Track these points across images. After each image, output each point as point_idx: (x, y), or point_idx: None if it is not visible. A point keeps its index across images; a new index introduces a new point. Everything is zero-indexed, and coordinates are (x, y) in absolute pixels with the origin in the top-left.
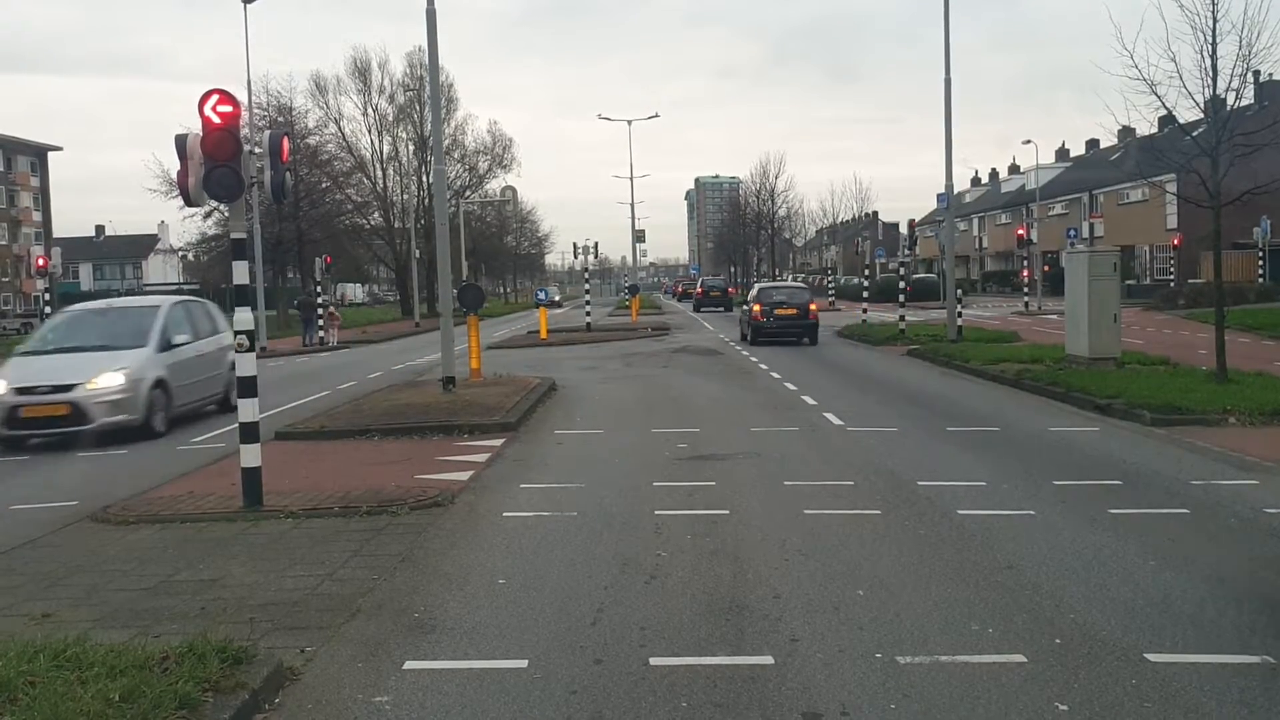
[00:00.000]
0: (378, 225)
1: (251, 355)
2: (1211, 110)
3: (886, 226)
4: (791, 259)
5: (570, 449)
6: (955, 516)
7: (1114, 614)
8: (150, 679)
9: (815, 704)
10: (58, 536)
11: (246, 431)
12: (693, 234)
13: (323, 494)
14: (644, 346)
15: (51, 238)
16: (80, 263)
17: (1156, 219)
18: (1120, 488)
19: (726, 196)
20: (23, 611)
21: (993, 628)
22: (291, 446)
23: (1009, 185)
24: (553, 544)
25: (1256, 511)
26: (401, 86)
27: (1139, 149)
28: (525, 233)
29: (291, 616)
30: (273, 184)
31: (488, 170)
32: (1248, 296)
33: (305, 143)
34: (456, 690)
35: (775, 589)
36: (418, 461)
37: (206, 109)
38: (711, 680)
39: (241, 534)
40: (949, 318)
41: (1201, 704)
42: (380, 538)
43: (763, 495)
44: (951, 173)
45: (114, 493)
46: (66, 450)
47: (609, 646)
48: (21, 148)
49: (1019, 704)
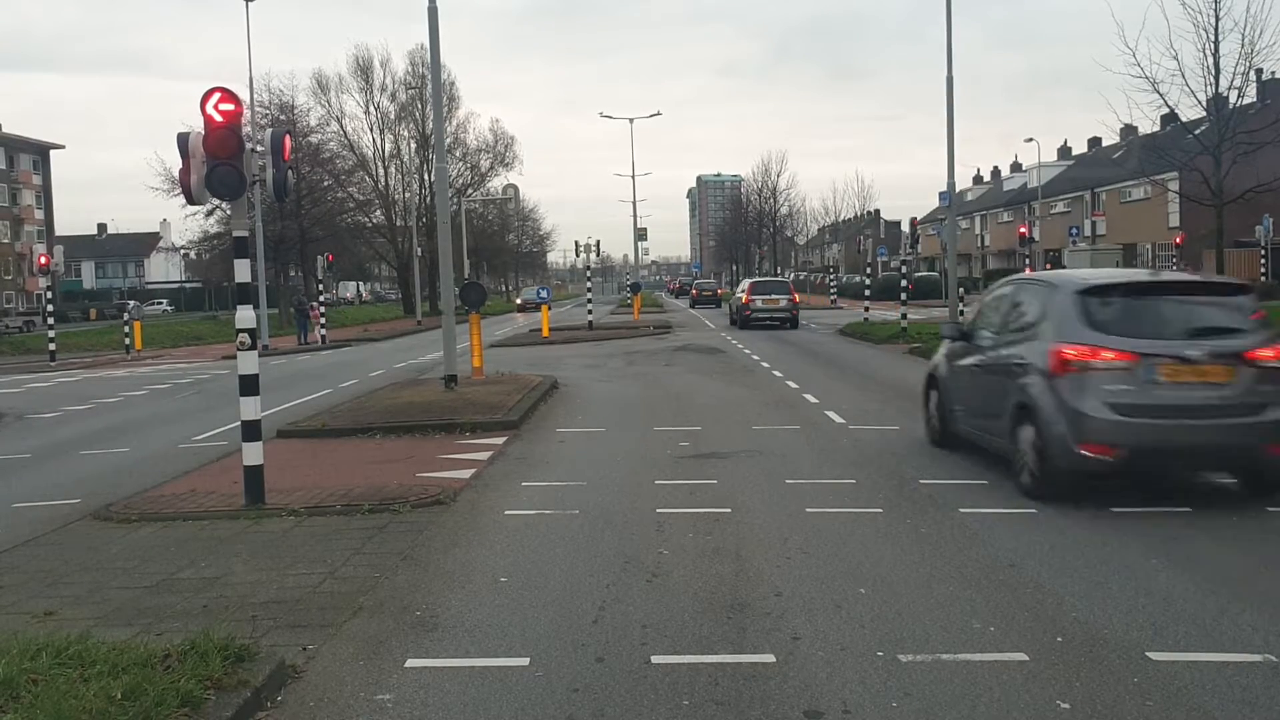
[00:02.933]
0: (379, 223)
1: (253, 353)
2: (1214, 108)
3: (888, 224)
4: (793, 257)
5: (572, 447)
6: (957, 515)
7: (1116, 612)
8: (152, 677)
9: (817, 702)
10: (60, 534)
11: (248, 429)
12: (695, 232)
13: (325, 492)
14: (646, 345)
15: (54, 236)
16: (82, 261)
17: (1159, 217)
18: (1122, 486)
19: (728, 194)
20: (25, 609)
21: (994, 626)
22: (293, 445)
23: (1011, 183)
24: (554, 542)
25: (1259, 509)
26: (403, 85)
27: (1141, 147)
28: (527, 231)
29: (293, 614)
30: (274, 182)
31: (489, 168)
32: None
33: (307, 141)
34: (458, 688)
35: (777, 587)
36: (419, 460)
37: (208, 107)
38: (713, 678)
39: (243, 532)
40: (951, 316)
41: (1203, 702)
42: (382, 536)
43: (764, 493)
44: (953, 171)
45: (116, 491)
46: (68, 449)
47: (610, 644)
48: (24, 146)
49: (1020, 702)
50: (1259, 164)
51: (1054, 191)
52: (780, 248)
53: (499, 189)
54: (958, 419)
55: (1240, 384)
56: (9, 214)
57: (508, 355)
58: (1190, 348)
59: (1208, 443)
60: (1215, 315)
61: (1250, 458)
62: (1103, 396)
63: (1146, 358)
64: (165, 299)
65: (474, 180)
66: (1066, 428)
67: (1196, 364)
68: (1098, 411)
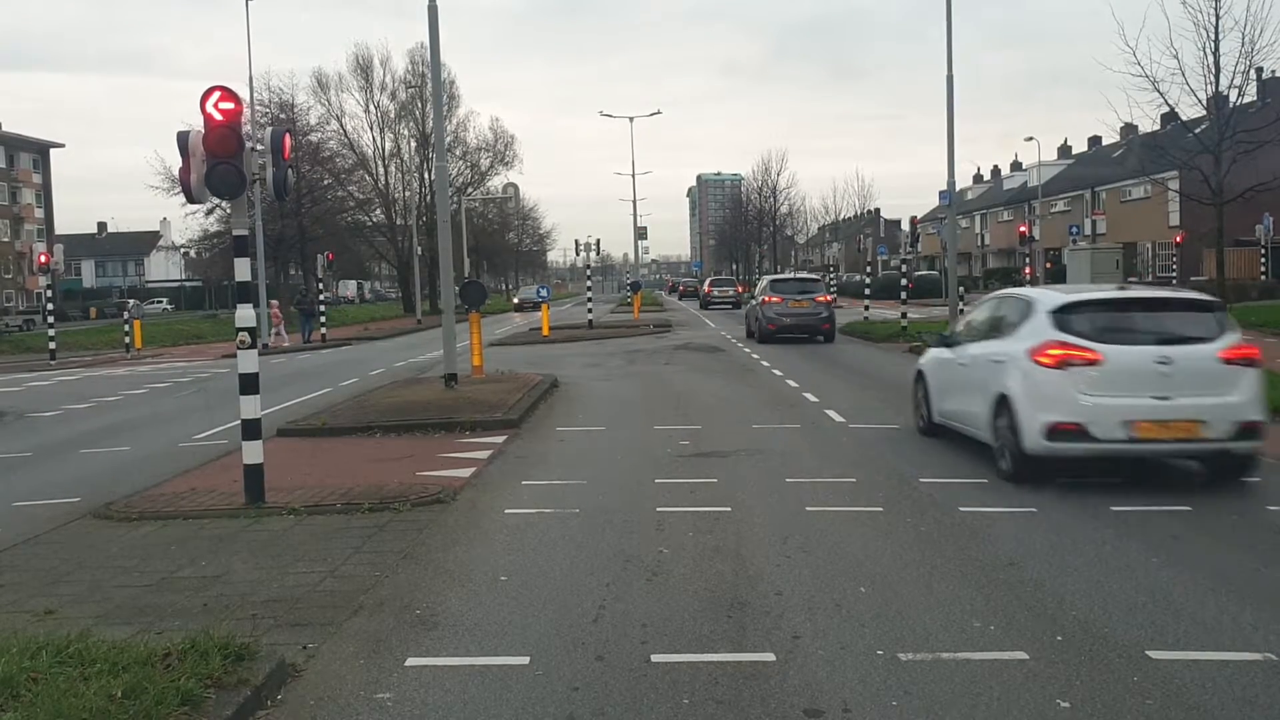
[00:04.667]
0: (380, 222)
1: (253, 352)
2: (1214, 107)
3: (888, 223)
4: (793, 256)
5: (572, 446)
6: (957, 513)
7: (1116, 611)
8: (153, 675)
9: (817, 701)
10: (60, 533)
11: (248, 428)
12: (695, 231)
13: (325, 491)
14: (646, 344)
15: (54, 235)
16: (82, 260)
17: (1159, 216)
18: (1122, 485)
19: (729, 193)
20: (25, 608)
21: (994, 625)
22: (294, 443)
23: (1011, 182)
24: (554, 541)
25: (1259, 508)
26: (403, 83)
27: (1141, 146)
28: (527, 230)
29: (294, 613)
30: (274, 181)
31: (490, 167)
32: (1250, 293)
33: (307, 139)
34: (458, 687)
35: (777, 586)
36: (420, 458)
37: (209, 106)
38: (713, 677)
39: (243, 530)
40: (951, 315)
41: (1203, 701)
42: (382, 534)
43: (764, 492)
44: (954, 169)
45: (116, 489)
46: (68, 447)
47: (610, 643)
48: (24, 145)
49: (1021, 701)
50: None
51: (1054, 190)
52: (780, 247)
53: (499, 188)
54: (942, 411)
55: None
56: (9, 213)
57: (508, 354)
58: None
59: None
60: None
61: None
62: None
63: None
64: (165, 298)
65: (474, 179)
66: (1038, 413)
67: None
68: (1066, 397)
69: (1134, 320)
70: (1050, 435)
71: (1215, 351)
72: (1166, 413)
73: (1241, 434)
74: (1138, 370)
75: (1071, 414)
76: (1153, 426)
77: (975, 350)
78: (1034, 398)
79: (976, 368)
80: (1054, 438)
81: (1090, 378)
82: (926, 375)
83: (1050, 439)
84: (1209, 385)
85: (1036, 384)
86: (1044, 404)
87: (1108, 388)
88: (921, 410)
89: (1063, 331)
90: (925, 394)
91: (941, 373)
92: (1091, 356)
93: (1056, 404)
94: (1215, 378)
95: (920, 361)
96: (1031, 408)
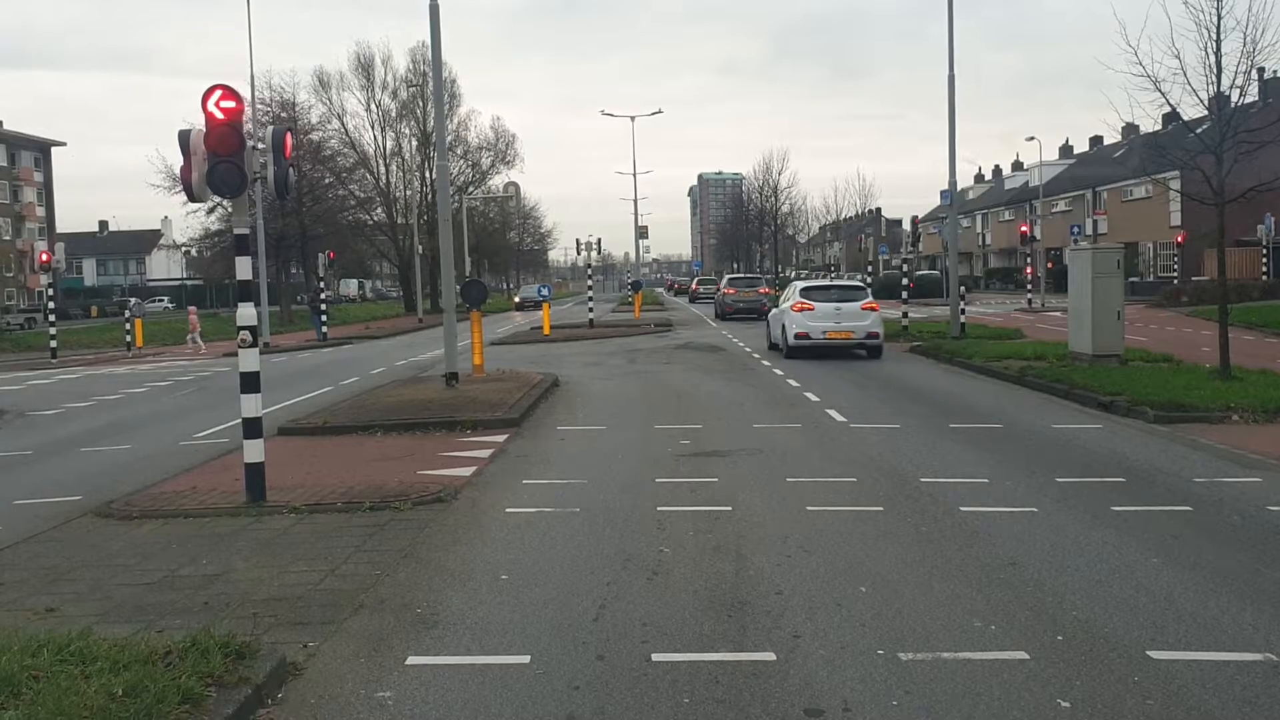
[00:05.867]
0: (381, 221)
1: (254, 350)
2: (1215, 107)
3: (889, 223)
4: (795, 255)
5: (573, 445)
6: (958, 513)
7: (1116, 611)
8: (154, 673)
9: (817, 700)
10: (61, 531)
11: (249, 427)
12: (696, 230)
13: (326, 489)
14: (647, 343)
15: (55, 233)
16: (83, 258)
17: (1160, 216)
18: (1123, 485)
19: (730, 193)
20: (27, 606)
21: (995, 624)
22: (294, 442)
23: (1012, 182)
24: (555, 540)
25: (1260, 509)
26: (404, 82)
27: (1143, 146)
28: (528, 229)
29: (294, 612)
30: (276, 179)
31: (491, 166)
32: (1251, 294)
33: (308, 138)
34: (459, 685)
35: (777, 585)
36: (420, 457)
37: (210, 104)
38: (714, 676)
39: (244, 529)
40: (952, 314)
41: (1204, 701)
42: (383, 533)
43: (765, 492)
44: (955, 169)
45: (117, 488)
46: (69, 446)
47: (611, 642)
48: (25, 143)
49: (1021, 701)
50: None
51: (1055, 190)
52: (782, 246)
53: (500, 187)
54: (770, 335)
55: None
56: (10, 211)
57: (508, 353)
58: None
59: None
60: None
61: (859, 343)
62: (804, 319)
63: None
64: (166, 296)
65: (475, 178)
66: (793, 329)
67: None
68: (803, 322)
69: (829, 292)
70: (797, 338)
71: (860, 305)
72: (838, 329)
73: (869, 338)
74: (828, 312)
75: (804, 329)
76: (835, 333)
77: (779, 308)
78: (792, 323)
79: (778, 314)
80: (798, 339)
81: (811, 314)
82: (769, 321)
83: (797, 340)
84: (856, 318)
85: (793, 318)
86: (795, 325)
87: (818, 319)
88: (767, 338)
89: (803, 297)
90: (768, 329)
91: (771, 320)
92: (810, 307)
93: (800, 325)
94: (859, 315)
95: (768, 317)
96: (792, 327)
